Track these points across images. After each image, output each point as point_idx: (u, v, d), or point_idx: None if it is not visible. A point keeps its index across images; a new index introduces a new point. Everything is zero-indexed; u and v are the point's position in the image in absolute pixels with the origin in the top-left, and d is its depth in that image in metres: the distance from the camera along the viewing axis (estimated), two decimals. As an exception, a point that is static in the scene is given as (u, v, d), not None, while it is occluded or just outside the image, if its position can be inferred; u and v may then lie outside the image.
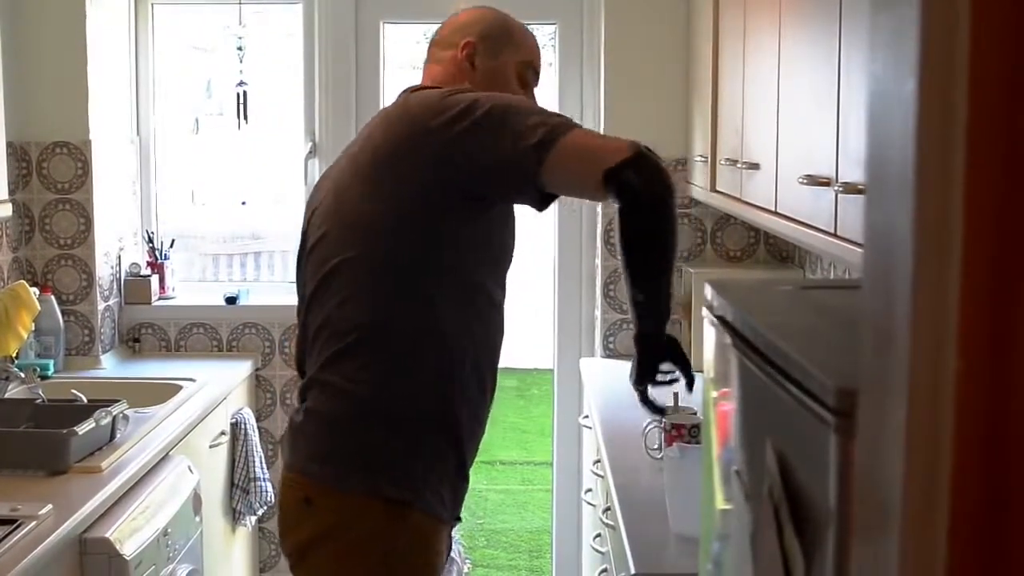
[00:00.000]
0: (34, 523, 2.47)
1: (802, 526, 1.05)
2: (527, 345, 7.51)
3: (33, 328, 3.76)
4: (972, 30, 0.67)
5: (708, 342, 1.57)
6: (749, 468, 1.27)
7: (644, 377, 2.38)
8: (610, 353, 4.23)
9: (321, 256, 2.31)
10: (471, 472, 2.41)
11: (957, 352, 0.68)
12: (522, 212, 2.36)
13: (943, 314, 0.69)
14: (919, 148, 0.72)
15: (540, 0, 4.37)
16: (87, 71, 4.01)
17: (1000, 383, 0.68)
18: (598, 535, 3.31)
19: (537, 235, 4.45)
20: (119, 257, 4.32)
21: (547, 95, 4.84)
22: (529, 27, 2.59)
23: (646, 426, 2.93)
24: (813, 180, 2.08)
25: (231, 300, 4.42)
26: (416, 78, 2.57)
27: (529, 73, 2.54)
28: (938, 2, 0.70)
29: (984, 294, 0.68)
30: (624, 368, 2.49)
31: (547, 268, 4.58)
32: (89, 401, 3.20)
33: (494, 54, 2.52)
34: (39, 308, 3.73)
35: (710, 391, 1.57)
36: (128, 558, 2.69)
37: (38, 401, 3.31)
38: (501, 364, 2.42)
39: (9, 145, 3.65)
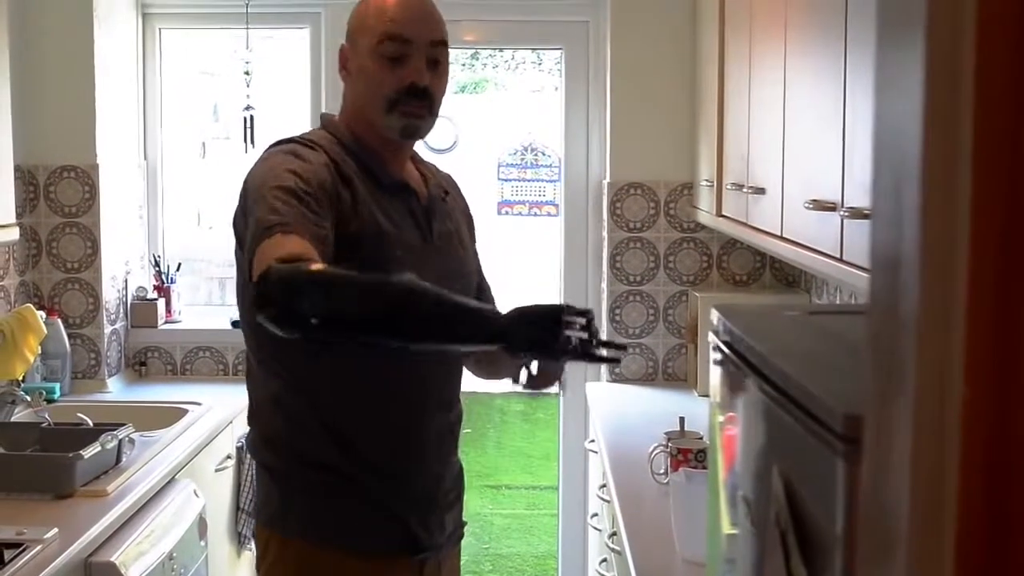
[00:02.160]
0: (40, 547, 2.47)
1: (809, 552, 1.04)
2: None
3: (40, 352, 3.76)
4: (977, 57, 0.67)
5: (714, 367, 1.57)
6: (755, 493, 1.26)
7: (553, 353, 1.98)
8: (616, 378, 4.22)
9: None
10: (439, 499, 2.31)
11: (963, 378, 0.67)
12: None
13: (949, 340, 0.69)
14: (924, 173, 0.72)
15: (546, 25, 4.40)
16: (95, 95, 4.03)
17: (1006, 409, 0.68)
18: (604, 560, 3.30)
19: (543, 259, 4.42)
20: (126, 281, 4.33)
21: (554, 121, 4.86)
22: (536, 52, 2.55)
23: (652, 451, 2.93)
24: (819, 205, 2.08)
25: (237, 324, 4.41)
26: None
27: (387, 46, 2.24)
28: (943, 27, 0.70)
29: (990, 320, 0.68)
30: (631, 392, 2.48)
31: (553, 292, 4.58)
32: (95, 425, 3.20)
33: (356, 49, 2.31)
34: (46, 332, 3.73)
35: (716, 416, 1.57)
36: (133, 582, 2.68)
37: (44, 425, 3.31)
38: (508, 388, 2.39)
39: (17, 169, 3.67)
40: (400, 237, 2.24)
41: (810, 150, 2.30)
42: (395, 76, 2.24)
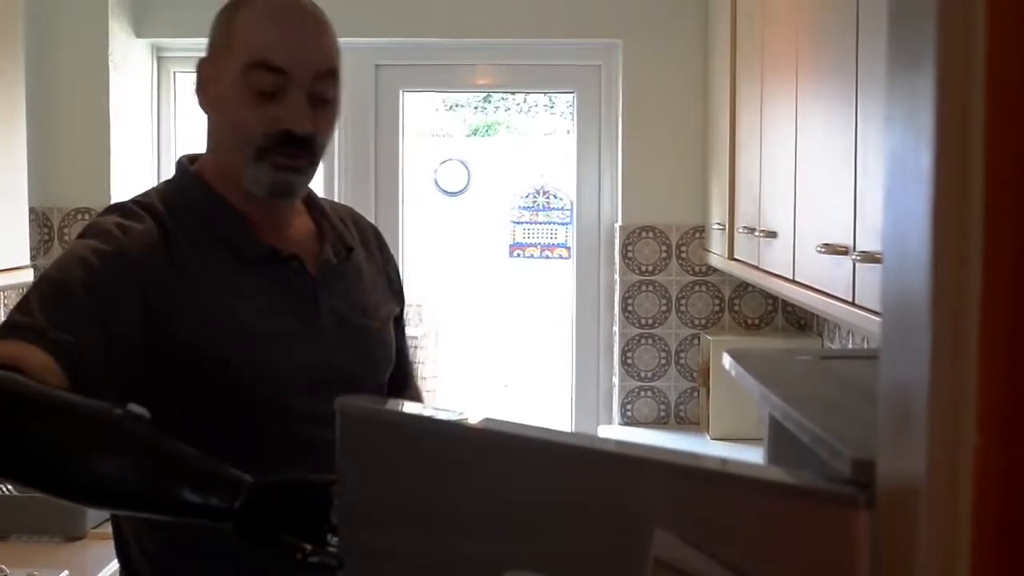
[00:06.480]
0: (49, 589, 2.46)
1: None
2: (545, 412, 7.49)
3: (52, 393, 3.75)
4: (987, 102, 0.67)
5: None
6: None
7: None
8: (628, 421, 4.21)
9: None
10: None
11: (975, 425, 0.67)
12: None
13: (961, 386, 0.68)
14: (936, 219, 0.72)
15: (558, 69, 4.42)
16: (110, 137, 4.05)
17: (1018, 456, 0.67)
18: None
19: (554, 302, 4.41)
20: (138, 322, 4.33)
21: (566, 164, 4.86)
22: (548, 95, 2.29)
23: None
24: (831, 249, 2.08)
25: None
26: (433, 146, 2.34)
27: (257, 76, 1.68)
28: (953, 72, 0.70)
29: (1002, 366, 0.67)
30: (643, 436, 2.46)
31: (565, 335, 4.58)
32: (106, 466, 3.20)
33: (217, 69, 1.75)
34: (58, 373, 3.73)
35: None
36: (142, 625, 2.67)
37: (55, 466, 3.31)
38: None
39: (32, 211, 3.68)
40: (268, 328, 1.71)
41: (822, 194, 2.30)
42: (265, 116, 1.70)
